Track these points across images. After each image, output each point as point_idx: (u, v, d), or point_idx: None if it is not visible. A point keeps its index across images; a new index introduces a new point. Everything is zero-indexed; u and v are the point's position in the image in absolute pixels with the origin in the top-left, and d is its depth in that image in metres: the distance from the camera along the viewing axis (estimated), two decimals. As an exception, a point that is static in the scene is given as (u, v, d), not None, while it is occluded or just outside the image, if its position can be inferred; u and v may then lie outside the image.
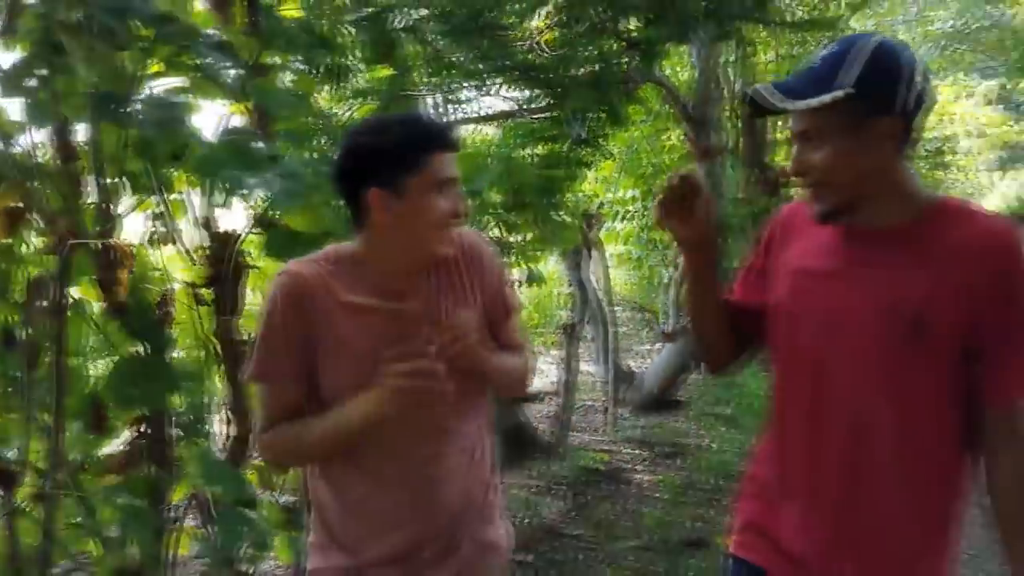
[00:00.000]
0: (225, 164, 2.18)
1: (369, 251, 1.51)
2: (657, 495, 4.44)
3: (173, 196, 2.79)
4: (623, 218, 8.10)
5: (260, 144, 2.39)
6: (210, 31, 2.41)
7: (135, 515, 2.30)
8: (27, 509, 2.34)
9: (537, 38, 2.77)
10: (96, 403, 2.63)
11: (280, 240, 2.61)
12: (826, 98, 1.25)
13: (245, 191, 2.26)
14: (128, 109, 2.31)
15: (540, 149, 4.48)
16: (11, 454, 2.44)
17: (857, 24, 8.33)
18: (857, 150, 1.30)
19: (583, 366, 6.30)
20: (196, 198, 3.10)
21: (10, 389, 2.49)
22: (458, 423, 1.55)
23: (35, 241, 2.62)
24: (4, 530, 2.22)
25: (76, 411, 2.50)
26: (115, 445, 2.72)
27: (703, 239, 1.45)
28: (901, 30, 12.58)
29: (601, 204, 7.92)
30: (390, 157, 1.42)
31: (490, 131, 6.31)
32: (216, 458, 2.59)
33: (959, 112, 14.46)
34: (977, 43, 13.11)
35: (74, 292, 2.55)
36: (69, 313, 2.45)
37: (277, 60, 2.89)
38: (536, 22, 2.69)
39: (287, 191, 2.18)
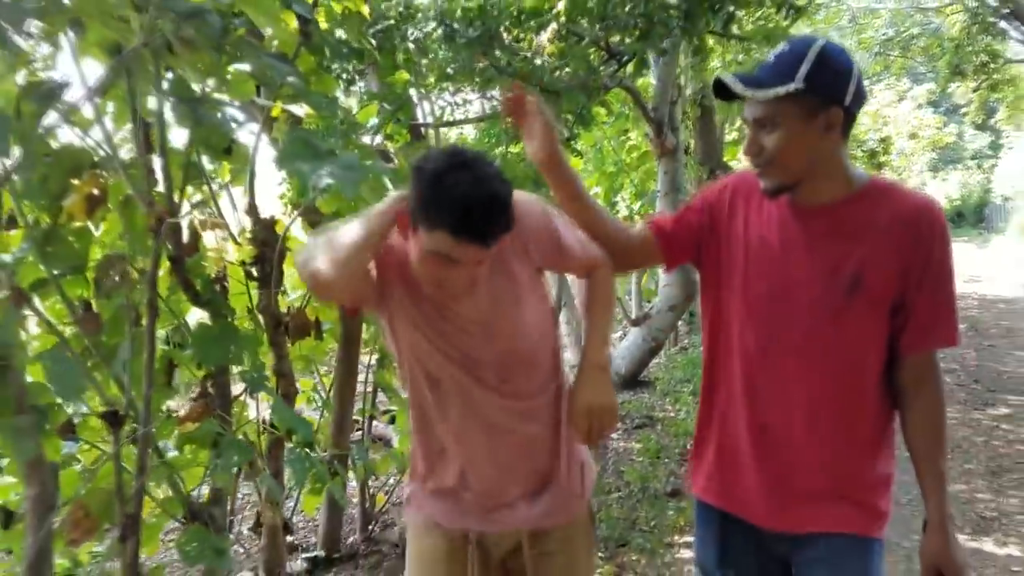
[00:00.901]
0: (298, 157, 2.60)
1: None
2: (635, 458, 4.92)
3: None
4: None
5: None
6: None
7: (236, 447, 2.69)
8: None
9: (541, 50, 3.24)
10: (169, 362, 3.03)
11: (321, 222, 3.06)
12: (781, 89, 1.41)
13: (315, 180, 2.66)
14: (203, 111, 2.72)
15: (513, 148, 4.95)
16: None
17: (796, 32, 8.86)
18: (806, 136, 1.46)
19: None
20: (239, 188, 3.54)
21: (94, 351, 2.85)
22: (533, 380, 1.68)
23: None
24: (112, 465, 2.59)
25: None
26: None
27: (546, 153, 1.61)
28: (837, 37, 13.34)
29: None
30: (415, 206, 1.46)
31: (468, 132, 6.78)
32: (286, 407, 3.00)
33: (894, 115, 15.34)
34: (909, 50, 13.95)
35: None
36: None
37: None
38: (542, 37, 3.15)
39: (348, 180, 2.60)
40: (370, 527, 3.90)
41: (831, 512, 1.57)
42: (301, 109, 3.07)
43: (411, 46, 3.66)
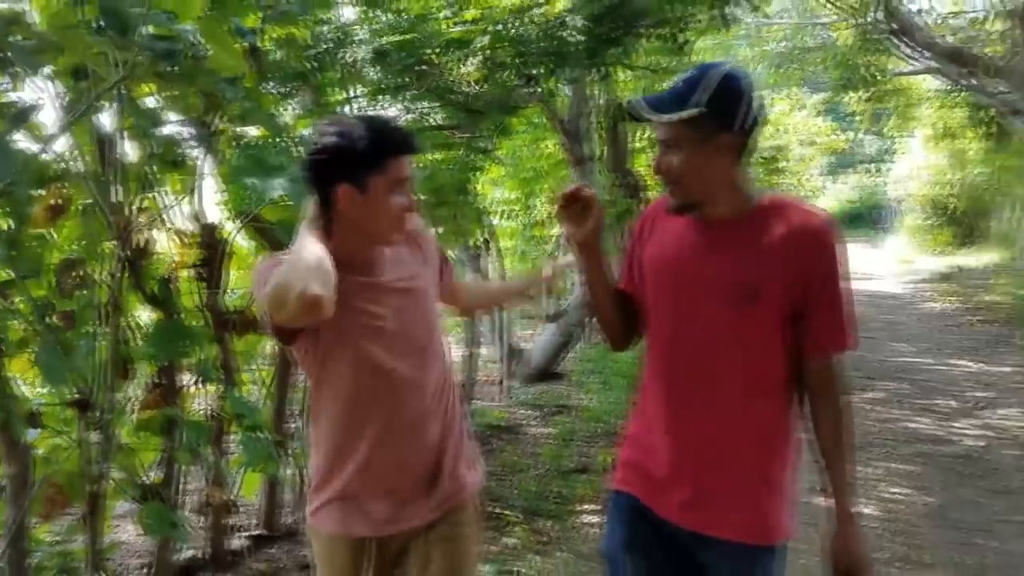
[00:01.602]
0: (250, 172, 2.94)
1: (336, 237, 1.67)
2: (549, 441, 5.37)
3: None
4: (508, 216, 9.03)
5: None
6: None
7: (196, 428, 3.01)
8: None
9: (466, 76, 3.64)
10: (124, 357, 3.31)
11: (261, 230, 3.42)
12: (683, 114, 1.49)
13: (267, 192, 2.98)
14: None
15: (437, 155, 5.35)
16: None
17: (700, 43, 9.29)
18: (704, 158, 1.54)
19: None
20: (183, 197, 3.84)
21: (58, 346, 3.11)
22: (426, 375, 1.78)
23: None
24: (76, 447, 2.88)
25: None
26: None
27: (590, 240, 1.71)
28: (741, 48, 14.16)
29: (490, 203, 8.81)
30: (358, 158, 1.61)
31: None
32: (239, 395, 3.33)
33: (792, 123, 16.32)
34: (806, 61, 14.90)
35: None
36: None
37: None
38: (468, 66, 3.56)
39: (296, 191, 2.95)
40: (306, 508, 4.23)
41: (729, 518, 1.63)
42: (253, 129, 3.37)
43: (346, 67, 4.03)
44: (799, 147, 17.31)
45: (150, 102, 3.09)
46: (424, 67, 3.47)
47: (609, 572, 1.79)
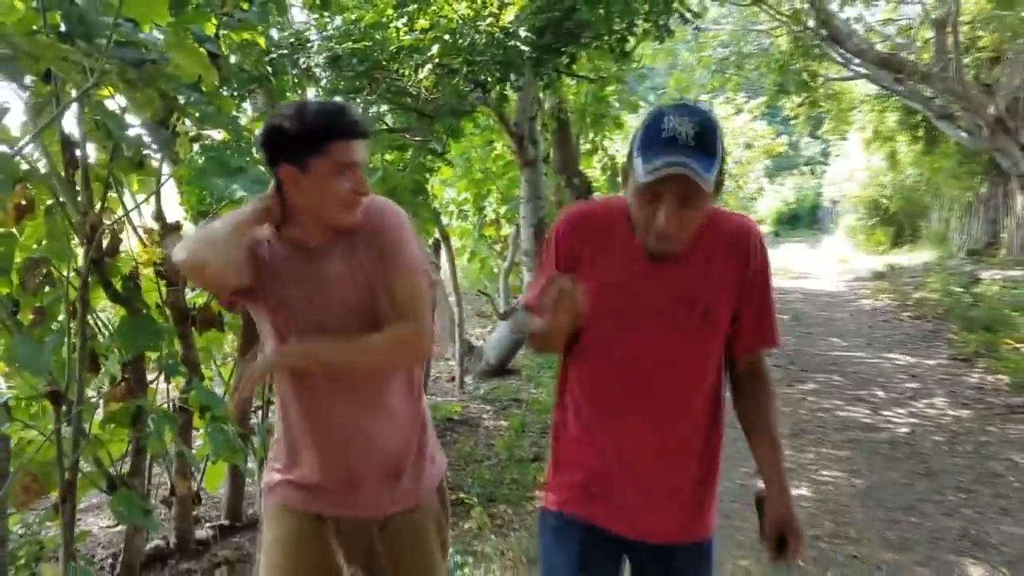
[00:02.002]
0: (212, 174, 3.07)
1: (290, 219, 1.73)
2: (503, 433, 5.57)
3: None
4: (460, 216, 9.22)
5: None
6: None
7: (166, 418, 3.13)
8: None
9: (418, 83, 3.81)
10: (92, 351, 3.42)
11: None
12: (713, 173, 1.44)
13: (229, 192, 3.12)
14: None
15: (388, 156, 5.52)
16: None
17: (642, 48, 9.52)
18: (708, 206, 1.53)
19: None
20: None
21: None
22: (381, 387, 1.79)
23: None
24: (51, 438, 2.97)
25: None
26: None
27: (563, 334, 1.61)
28: (681, 53, 14.57)
29: (442, 204, 8.99)
30: (298, 139, 1.62)
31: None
32: (208, 388, 3.45)
33: (732, 127, 16.85)
34: (744, 67, 15.40)
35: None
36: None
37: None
38: (421, 73, 3.73)
39: (257, 191, 3.09)
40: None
41: (692, 524, 1.71)
42: (214, 132, 3.49)
43: (300, 71, 4.17)
44: (739, 150, 17.84)
45: (110, 104, 3.21)
46: (377, 72, 3.64)
47: None
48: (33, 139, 2.77)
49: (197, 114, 3.09)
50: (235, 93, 4.09)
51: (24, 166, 3.11)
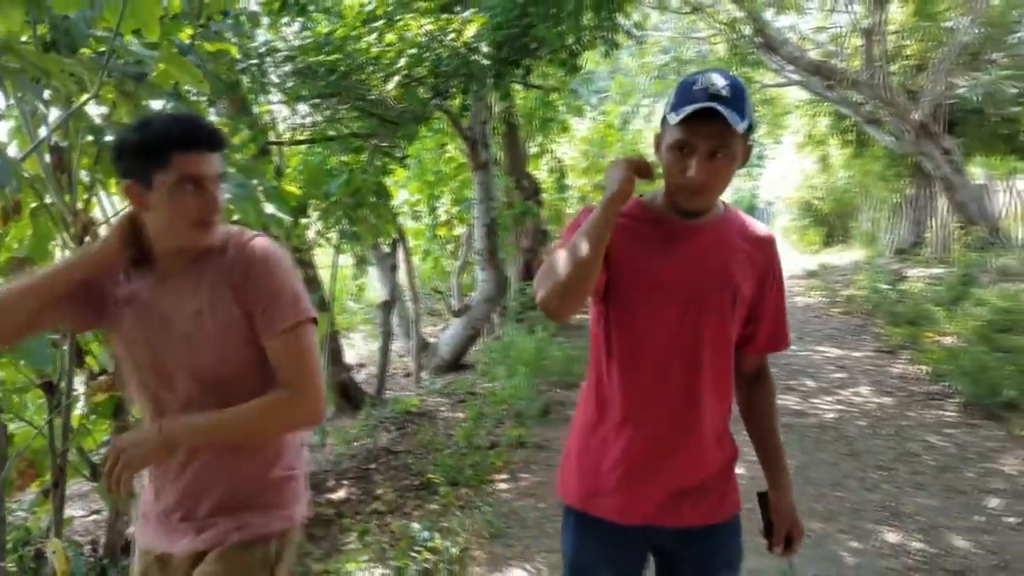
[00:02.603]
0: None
1: (148, 238, 1.61)
2: (461, 423, 5.84)
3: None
4: (414, 217, 9.46)
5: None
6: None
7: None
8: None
9: (386, 92, 4.06)
10: (77, 346, 3.59)
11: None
12: (745, 124, 1.47)
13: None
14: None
15: (346, 158, 5.75)
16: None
17: (587, 55, 9.88)
18: (737, 166, 1.55)
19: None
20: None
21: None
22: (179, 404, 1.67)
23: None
24: (45, 427, 3.15)
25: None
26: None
27: (627, 196, 1.53)
28: (623, 58, 15.01)
29: (397, 204, 9.21)
30: (139, 152, 1.51)
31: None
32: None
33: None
34: (684, 72, 15.93)
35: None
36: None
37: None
38: (389, 85, 3.99)
39: (240, 195, 3.31)
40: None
41: (718, 505, 1.71)
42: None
43: (269, 81, 4.39)
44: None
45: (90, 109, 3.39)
46: (347, 82, 3.88)
47: None
48: (36, 148, 2.95)
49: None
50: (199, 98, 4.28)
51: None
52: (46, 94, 2.89)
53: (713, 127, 1.45)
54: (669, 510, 1.67)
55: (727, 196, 1.67)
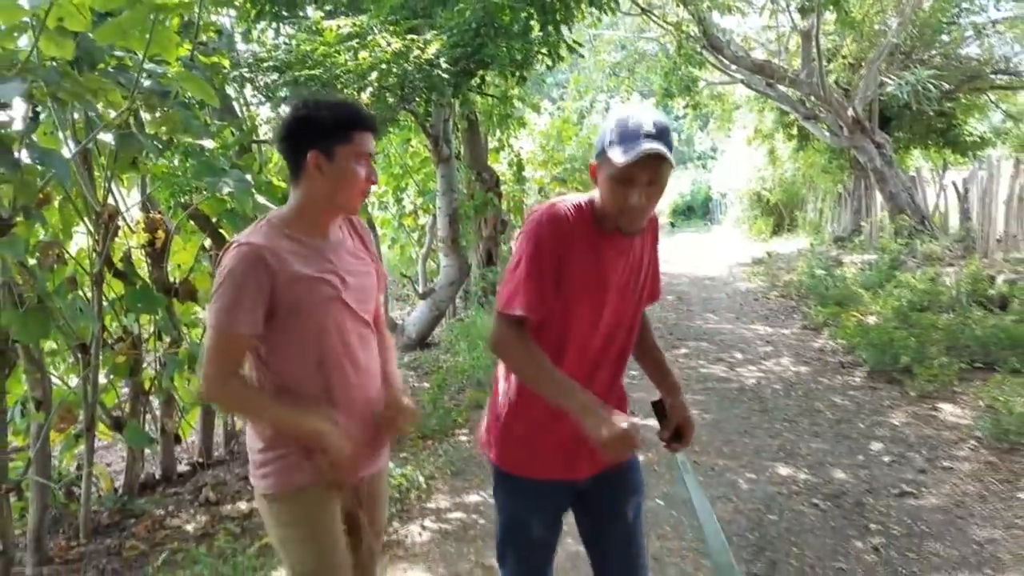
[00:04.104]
0: (204, 173, 3.93)
1: (302, 200, 1.91)
2: (427, 391, 6.56)
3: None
4: (381, 207, 10.11)
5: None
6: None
7: (175, 360, 3.99)
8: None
9: (361, 100, 4.72)
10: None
11: (197, 218, 4.43)
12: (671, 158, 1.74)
13: (219, 188, 3.97)
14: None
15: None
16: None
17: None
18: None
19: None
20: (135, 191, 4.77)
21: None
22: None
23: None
24: (85, 381, 3.78)
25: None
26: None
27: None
28: (582, 60, 15.73)
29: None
30: (328, 128, 1.83)
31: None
32: (195, 343, 4.31)
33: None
34: (635, 71, 16.73)
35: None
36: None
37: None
38: (364, 95, 4.65)
39: (241, 188, 3.98)
40: (232, 442, 5.24)
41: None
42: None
43: (259, 85, 5.04)
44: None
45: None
46: (325, 91, 4.55)
47: (531, 549, 2.11)
48: (81, 149, 3.59)
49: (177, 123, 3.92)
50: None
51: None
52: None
53: (651, 162, 1.70)
54: (593, 463, 1.99)
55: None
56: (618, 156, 1.70)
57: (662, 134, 1.72)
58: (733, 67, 14.66)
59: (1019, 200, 12.08)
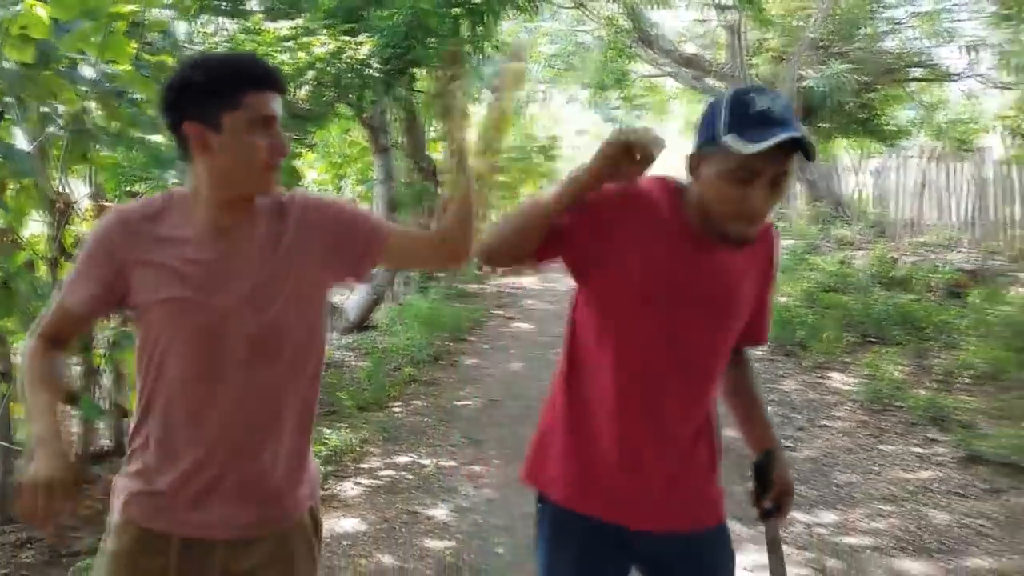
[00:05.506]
0: (151, 165, 4.29)
1: (196, 185, 1.50)
2: (365, 368, 6.98)
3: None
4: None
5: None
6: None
7: (129, 336, 4.34)
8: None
9: (299, 97, 5.09)
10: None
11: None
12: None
13: (163, 180, 4.32)
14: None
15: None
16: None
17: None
18: None
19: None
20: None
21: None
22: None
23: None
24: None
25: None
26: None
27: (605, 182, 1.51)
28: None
29: (305, 184, 10.15)
30: (207, 91, 1.41)
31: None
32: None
33: (566, 115, 18.72)
34: (572, 62, 17.25)
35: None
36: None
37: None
38: (300, 92, 5.02)
39: (183, 178, 4.33)
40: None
41: (704, 509, 1.66)
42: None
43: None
44: (573, 136, 19.79)
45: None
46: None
47: None
48: (39, 143, 3.93)
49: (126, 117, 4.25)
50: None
51: None
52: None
53: (779, 155, 1.38)
54: (669, 512, 1.62)
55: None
56: (742, 145, 1.38)
57: (792, 120, 1.41)
58: (662, 60, 15.29)
59: (923, 187, 12.99)
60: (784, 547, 1.78)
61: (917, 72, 17.21)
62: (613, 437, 1.58)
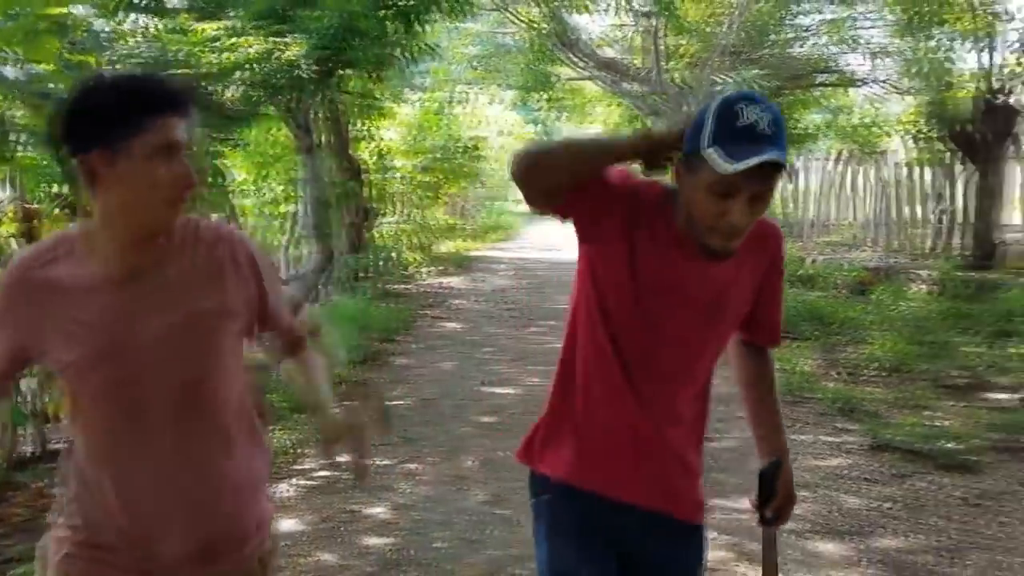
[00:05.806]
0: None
1: (100, 220, 1.37)
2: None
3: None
4: (242, 195, 10.28)
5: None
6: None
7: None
8: None
9: (228, 97, 5.05)
10: None
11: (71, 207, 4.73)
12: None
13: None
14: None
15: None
16: None
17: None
18: None
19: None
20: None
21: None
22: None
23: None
24: None
25: None
26: None
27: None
28: (441, 51, 16.20)
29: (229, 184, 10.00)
30: (106, 116, 1.29)
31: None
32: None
33: (490, 116, 18.80)
34: (495, 64, 17.35)
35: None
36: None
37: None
38: (229, 92, 4.99)
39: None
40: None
41: (681, 502, 1.70)
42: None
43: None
44: (497, 137, 19.91)
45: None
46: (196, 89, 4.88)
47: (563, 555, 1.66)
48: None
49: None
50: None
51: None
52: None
53: (761, 171, 1.36)
54: (650, 488, 1.65)
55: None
56: (722, 162, 1.36)
57: (779, 135, 1.39)
58: (583, 64, 15.57)
59: (830, 188, 13.63)
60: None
61: (824, 77, 17.98)
62: (612, 421, 1.62)
